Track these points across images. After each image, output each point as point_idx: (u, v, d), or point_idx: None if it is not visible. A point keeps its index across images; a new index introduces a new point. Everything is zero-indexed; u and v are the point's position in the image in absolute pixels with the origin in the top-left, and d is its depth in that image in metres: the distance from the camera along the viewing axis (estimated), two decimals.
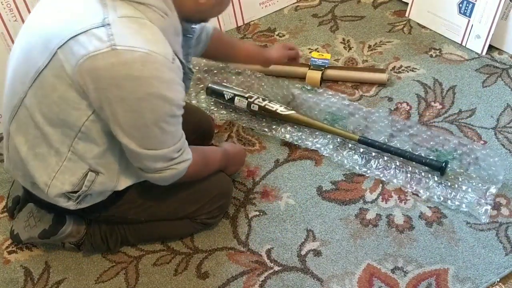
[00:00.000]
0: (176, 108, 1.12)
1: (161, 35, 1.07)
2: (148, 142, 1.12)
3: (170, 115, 1.11)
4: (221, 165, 1.45)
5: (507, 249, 1.38)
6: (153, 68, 1.04)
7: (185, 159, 1.20)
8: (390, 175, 1.57)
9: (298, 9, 2.27)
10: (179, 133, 1.18)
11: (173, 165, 1.18)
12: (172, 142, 1.15)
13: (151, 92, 1.05)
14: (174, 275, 1.41)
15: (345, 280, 1.35)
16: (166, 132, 1.12)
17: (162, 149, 1.14)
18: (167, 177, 1.21)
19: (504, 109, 1.75)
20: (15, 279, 1.44)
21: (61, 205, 1.26)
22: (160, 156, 1.15)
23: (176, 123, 1.15)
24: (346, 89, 1.88)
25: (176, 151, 1.17)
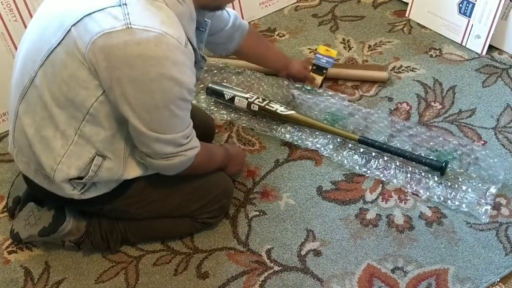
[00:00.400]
0: (187, 91, 1.12)
1: (176, 19, 1.08)
2: (158, 125, 1.12)
3: (181, 98, 1.11)
4: (223, 162, 1.45)
5: (507, 249, 1.38)
6: (166, 49, 1.04)
7: (194, 146, 1.21)
8: (390, 175, 1.57)
9: (298, 9, 2.27)
10: (188, 119, 1.18)
11: (182, 151, 1.18)
12: (181, 128, 1.16)
13: (162, 73, 1.05)
14: (174, 275, 1.41)
15: (345, 280, 1.35)
16: (175, 115, 1.12)
17: (172, 133, 1.14)
18: (176, 164, 1.20)
19: (504, 109, 1.75)
20: (15, 279, 1.43)
21: (66, 193, 1.25)
22: (169, 141, 1.15)
23: (186, 108, 1.15)
24: (346, 89, 1.88)
25: (185, 137, 1.17)
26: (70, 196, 1.26)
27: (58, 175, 1.21)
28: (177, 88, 1.09)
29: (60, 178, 1.21)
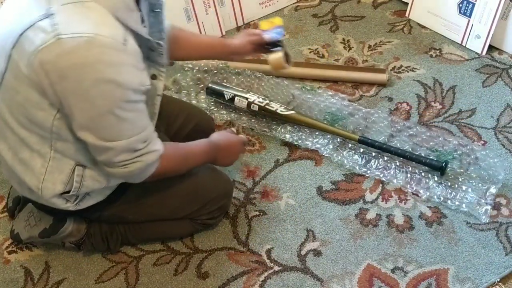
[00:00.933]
0: (131, 92, 1.05)
1: (110, 16, 1.02)
2: (106, 133, 1.07)
3: (124, 100, 1.04)
4: (208, 158, 1.37)
5: (507, 249, 1.38)
6: (98, 52, 0.98)
7: (152, 150, 1.13)
8: (390, 175, 1.57)
9: (298, 9, 2.27)
10: (142, 122, 1.11)
11: (138, 156, 1.11)
12: (133, 132, 1.09)
13: (98, 78, 0.99)
14: (174, 275, 1.41)
15: (345, 280, 1.35)
16: (123, 119, 1.06)
17: (123, 139, 1.08)
18: (135, 172, 1.14)
19: (504, 109, 1.75)
20: (15, 279, 1.43)
21: (60, 207, 1.25)
22: (122, 147, 1.09)
23: (135, 110, 1.08)
24: (346, 89, 1.88)
25: (141, 142, 1.11)
26: (66, 209, 1.26)
27: (45, 192, 1.21)
28: (118, 90, 1.03)
29: (48, 195, 1.21)
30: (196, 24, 2.08)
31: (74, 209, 1.27)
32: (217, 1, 2.09)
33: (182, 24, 2.05)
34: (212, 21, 2.11)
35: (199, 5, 2.05)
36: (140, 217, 1.39)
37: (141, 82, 1.08)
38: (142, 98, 1.09)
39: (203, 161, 1.36)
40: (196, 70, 1.96)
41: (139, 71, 1.07)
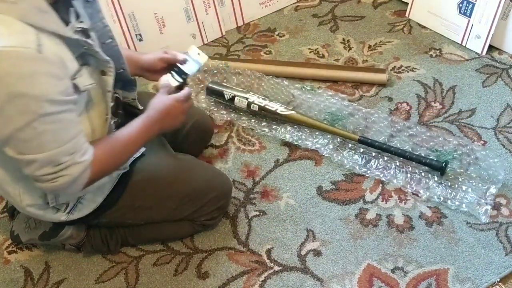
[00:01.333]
0: (48, 104, 0.98)
1: (17, 23, 0.95)
2: (26, 146, 1.01)
3: (41, 113, 0.98)
4: (151, 133, 1.24)
5: (507, 249, 1.38)
6: (7, 65, 0.93)
7: (78, 161, 1.06)
8: (390, 175, 1.57)
9: (298, 9, 2.27)
10: (66, 133, 1.04)
11: (63, 169, 1.04)
12: (55, 144, 1.02)
13: (9, 92, 0.94)
14: (174, 275, 1.41)
15: (345, 280, 1.35)
16: (42, 133, 1.00)
17: (44, 152, 1.02)
18: (64, 185, 1.07)
19: (504, 109, 1.75)
20: (15, 279, 1.43)
21: (52, 218, 1.26)
22: (43, 161, 1.02)
23: (55, 121, 1.01)
24: (346, 89, 1.88)
25: (66, 154, 1.04)
26: (58, 220, 1.27)
27: (28, 210, 1.23)
28: (33, 103, 0.97)
29: (32, 212, 1.24)
30: (196, 24, 2.08)
31: (66, 219, 1.27)
32: (217, 1, 2.09)
33: (182, 24, 2.05)
34: (212, 21, 2.11)
35: (199, 5, 2.05)
36: (138, 221, 1.39)
37: (63, 90, 1.01)
38: (66, 107, 1.02)
39: (146, 139, 1.24)
40: None
41: (58, 80, 1.00)
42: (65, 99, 1.01)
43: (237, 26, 2.21)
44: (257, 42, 2.12)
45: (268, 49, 2.08)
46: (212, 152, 1.71)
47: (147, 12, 1.97)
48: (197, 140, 1.61)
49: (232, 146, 1.72)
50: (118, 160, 1.20)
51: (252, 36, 2.16)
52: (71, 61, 1.05)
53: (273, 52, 2.07)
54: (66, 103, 1.02)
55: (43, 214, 1.25)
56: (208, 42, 2.14)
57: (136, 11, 1.95)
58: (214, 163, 1.67)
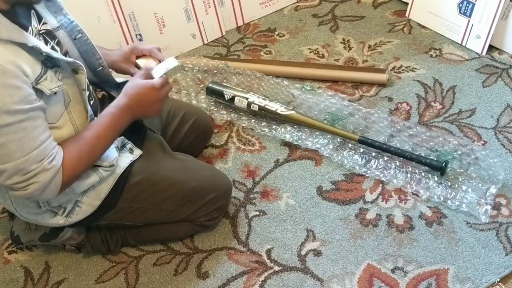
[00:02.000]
0: (5, 115, 0.97)
1: None
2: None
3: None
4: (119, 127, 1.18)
5: (507, 249, 1.38)
6: None
7: (47, 168, 1.04)
8: (390, 175, 1.57)
9: (298, 9, 2.27)
10: (31, 141, 1.02)
11: (31, 177, 1.04)
12: (21, 153, 1.01)
13: None
14: (174, 275, 1.41)
15: (345, 280, 1.35)
16: (5, 143, 0.99)
17: (10, 162, 1.01)
18: (35, 192, 1.06)
19: (504, 109, 1.75)
20: (15, 279, 1.43)
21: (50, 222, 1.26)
22: (10, 171, 1.02)
23: (17, 131, 1.00)
24: (346, 89, 1.88)
25: (34, 162, 1.03)
26: (56, 224, 1.27)
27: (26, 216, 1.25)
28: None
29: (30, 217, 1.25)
30: (196, 24, 2.08)
31: (64, 223, 1.27)
32: (217, 1, 2.09)
33: (182, 24, 2.05)
34: (212, 21, 2.11)
35: (199, 5, 2.05)
36: (137, 222, 1.39)
37: (22, 99, 0.99)
38: (27, 115, 1.00)
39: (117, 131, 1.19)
40: (196, 70, 1.96)
41: (14, 89, 0.97)
42: (24, 107, 0.99)
43: (237, 26, 2.21)
44: (257, 42, 2.12)
45: (268, 49, 2.08)
46: (212, 152, 1.71)
47: (147, 12, 1.97)
48: (197, 140, 1.61)
49: (232, 146, 1.72)
50: (90, 158, 1.16)
51: (252, 36, 2.16)
52: (32, 66, 1.03)
53: (273, 52, 2.07)
54: (26, 111, 1.00)
55: (41, 218, 1.26)
56: (208, 42, 2.14)
57: (136, 11, 1.95)
58: (214, 163, 1.67)
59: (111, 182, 1.28)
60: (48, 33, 1.13)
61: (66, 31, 1.19)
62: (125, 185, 1.30)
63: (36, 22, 1.10)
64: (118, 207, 1.32)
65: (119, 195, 1.30)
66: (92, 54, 1.24)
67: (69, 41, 1.19)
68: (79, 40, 1.21)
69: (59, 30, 1.17)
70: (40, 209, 1.24)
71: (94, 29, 1.26)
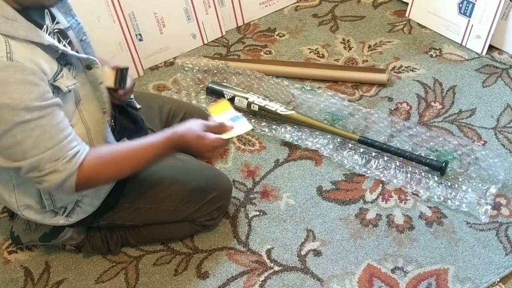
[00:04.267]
0: (24, 111, 0.98)
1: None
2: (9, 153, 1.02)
3: (17, 121, 0.98)
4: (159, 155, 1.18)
5: (507, 249, 1.38)
6: None
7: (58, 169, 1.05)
8: (390, 175, 1.57)
9: (298, 9, 2.27)
10: (49, 140, 1.03)
11: (44, 176, 1.05)
12: (35, 151, 1.02)
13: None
14: (174, 275, 1.41)
15: (345, 280, 1.35)
16: (22, 140, 1.00)
17: (26, 159, 1.02)
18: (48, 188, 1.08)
19: (504, 109, 1.75)
20: (15, 279, 1.43)
21: (50, 222, 1.26)
22: (27, 168, 1.03)
23: (34, 128, 1.00)
24: (346, 89, 1.88)
25: (48, 162, 1.03)
26: (57, 223, 1.27)
27: (27, 215, 1.24)
28: (7, 112, 0.96)
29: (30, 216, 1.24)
30: (196, 24, 2.08)
31: (65, 222, 1.27)
32: (217, 1, 2.09)
33: (182, 24, 2.05)
34: (212, 21, 2.11)
35: (199, 5, 2.05)
36: (137, 222, 1.39)
37: (39, 96, 0.99)
38: (45, 112, 1.01)
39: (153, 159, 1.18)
40: (196, 70, 1.96)
41: (32, 85, 0.98)
42: (42, 104, 1.00)
43: (237, 26, 2.21)
44: (257, 42, 2.12)
45: (268, 49, 2.08)
46: None
47: (147, 12, 1.97)
48: None
49: (232, 146, 1.72)
50: (114, 172, 1.15)
51: (252, 36, 2.16)
52: (49, 64, 1.04)
53: (273, 52, 2.07)
54: (44, 108, 1.01)
55: (42, 218, 1.26)
56: (208, 42, 2.14)
57: (136, 11, 1.95)
58: (214, 163, 1.67)
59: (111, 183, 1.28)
60: (61, 32, 1.14)
61: (75, 32, 1.20)
62: (125, 185, 1.31)
63: (50, 21, 1.11)
64: (118, 207, 1.32)
65: (120, 195, 1.30)
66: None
67: (77, 42, 1.20)
68: (84, 42, 1.23)
69: (69, 30, 1.18)
70: (44, 209, 1.24)
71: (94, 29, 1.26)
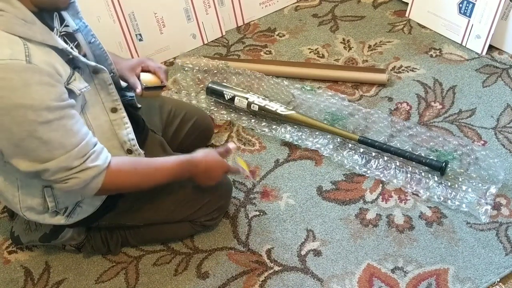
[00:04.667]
0: (46, 111, 0.99)
1: (6, 35, 0.97)
2: (36, 155, 1.03)
3: (40, 122, 0.99)
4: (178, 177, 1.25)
5: (507, 249, 1.38)
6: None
7: (90, 166, 1.07)
8: (390, 175, 1.57)
9: (298, 9, 2.27)
10: (73, 138, 1.04)
11: (75, 173, 1.06)
12: (63, 150, 1.03)
13: (6, 105, 0.96)
14: (174, 275, 1.41)
15: (345, 280, 1.35)
16: (48, 141, 1.01)
17: (53, 159, 1.03)
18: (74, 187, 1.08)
19: (504, 109, 1.75)
20: (15, 279, 1.44)
21: (51, 222, 1.27)
22: (54, 169, 1.04)
23: (57, 128, 1.02)
24: (346, 89, 1.88)
25: (76, 158, 1.05)
26: (57, 223, 1.27)
27: (28, 216, 1.25)
28: (30, 113, 0.97)
29: (32, 217, 1.25)
30: (196, 24, 2.08)
31: (65, 222, 1.27)
32: (217, 1, 2.09)
33: (182, 24, 2.05)
34: (212, 21, 2.11)
35: (199, 5, 2.05)
36: (137, 223, 1.39)
37: (57, 97, 1.01)
38: (64, 113, 1.03)
39: (174, 176, 1.24)
40: (196, 70, 1.96)
41: (50, 87, 1.00)
42: (61, 104, 1.02)
43: (237, 26, 2.21)
44: (257, 42, 2.12)
45: (268, 49, 2.08)
46: None
47: (147, 12, 1.97)
48: (198, 140, 1.61)
49: None
50: (137, 180, 1.19)
51: (252, 36, 2.16)
52: (63, 66, 1.05)
53: (273, 52, 2.07)
54: (63, 108, 1.02)
55: (42, 218, 1.26)
56: (208, 42, 2.15)
57: (136, 11, 1.95)
58: None
59: None
60: (69, 35, 1.15)
61: (83, 34, 1.20)
62: None
63: (58, 24, 1.12)
64: (118, 208, 1.32)
65: (120, 196, 1.30)
66: (104, 59, 1.25)
67: (86, 44, 1.21)
68: (93, 44, 1.23)
69: (77, 32, 1.19)
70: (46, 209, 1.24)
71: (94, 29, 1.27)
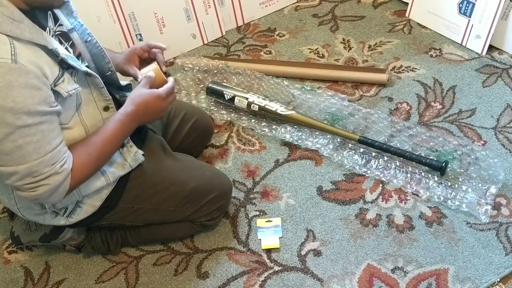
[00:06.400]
0: (26, 115, 0.97)
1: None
2: (7, 159, 1.00)
3: (19, 125, 0.97)
4: (126, 133, 1.21)
5: (507, 249, 1.38)
6: None
7: (58, 171, 1.05)
8: (390, 175, 1.57)
9: (298, 9, 2.27)
10: (48, 145, 1.03)
11: (42, 179, 1.04)
12: (36, 155, 1.01)
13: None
14: (174, 275, 1.41)
15: (345, 280, 1.35)
16: (23, 145, 0.99)
17: (24, 164, 1.01)
18: (43, 195, 1.06)
19: (504, 109, 1.75)
20: (15, 279, 1.44)
21: (51, 222, 1.27)
22: (23, 173, 1.02)
23: (35, 133, 1.00)
24: (346, 89, 1.88)
25: (47, 165, 1.03)
26: (57, 223, 1.27)
27: (28, 216, 1.25)
28: (9, 116, 0.95)
29: (32, 217, 1.25)
30: (196, 24, 2.08)
31: (65, 223, 1.27)
32: (217, 1, 2.09)
33: (182, 24, 2.05)
34: (212, 21, 2.11)
35: (199, 5, 2.05)
36: (137, 223, 1.39)
37: (42, 101, 0.99)
38: (46, 118, 1.01)
39: (123, 137, 1.22)
40: (196, 70, 1.96)
41: (35, 90, 0.98)
42: (44, 109, 1.00)
43: (237, 26, 2.21)
44: (257, 42, 2.12)
45: (268, 49, 2.08)
46: (212, 152, 1.71)
47: (147, 12, 1.97)
48: (198, 140, 1.61)
49: (232, 146, 1.72)
50: (98, 163, 1.18)
51: (252, 36, 2.16)
52: (51, 68, 1.03)
53: (273, 52, 2.07)
54: (45, 113, 1.01)
55: (42, 218, 1.26)
56: (208, 42, 2.15)
57: (136, 11, 1.95)
58: (214, 163, 1.67)
59: (112, 183, 1.28)
60: (63, 34, 1.14)
61: (78, 33, 1.20)
62: (126, 186, 1.31)
63: (52, 23, 1.11)
64: (118, 208, 1.32)
65: (120, 196, 1.30)
66: (102, 58, 1.24)
67: (81, 44, 1.20)
68: (90, 43, 1.22)
69: (72, 32, 1.18)
70: (43, 209, 1.24)
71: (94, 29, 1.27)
